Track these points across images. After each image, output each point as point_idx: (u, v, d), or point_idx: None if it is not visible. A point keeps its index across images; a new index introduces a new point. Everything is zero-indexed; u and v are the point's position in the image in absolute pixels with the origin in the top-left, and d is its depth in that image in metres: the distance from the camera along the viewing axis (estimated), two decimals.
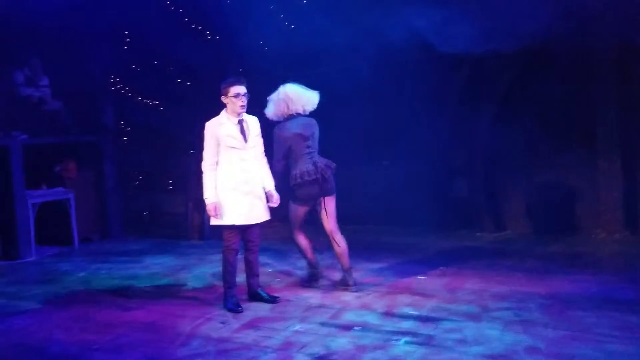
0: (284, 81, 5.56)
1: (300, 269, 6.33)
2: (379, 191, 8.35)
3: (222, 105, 5.20)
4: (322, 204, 5.43)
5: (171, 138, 8.47)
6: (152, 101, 8.77)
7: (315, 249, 5.76)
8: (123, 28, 8.63)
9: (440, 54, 7.27)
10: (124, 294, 5.85)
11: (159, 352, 4.29)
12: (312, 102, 5.46)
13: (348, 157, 8.33)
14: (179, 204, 8.60)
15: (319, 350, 4.19)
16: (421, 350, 4.13)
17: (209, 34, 8.41)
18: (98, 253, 7.91)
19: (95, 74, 8.59)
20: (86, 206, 8.67)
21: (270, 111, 5.50)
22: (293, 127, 5.35)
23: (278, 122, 5.48)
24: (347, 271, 5.53)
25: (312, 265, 5.71)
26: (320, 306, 5.17)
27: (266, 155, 5.36)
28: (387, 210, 8.27)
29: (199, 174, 5.27)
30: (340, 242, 5.50)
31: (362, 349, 4.19)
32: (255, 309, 5.14)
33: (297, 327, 4.68)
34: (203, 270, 6.58)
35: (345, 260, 5.51)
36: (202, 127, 5.19)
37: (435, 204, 8.17)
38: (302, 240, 5.58)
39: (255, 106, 5.49)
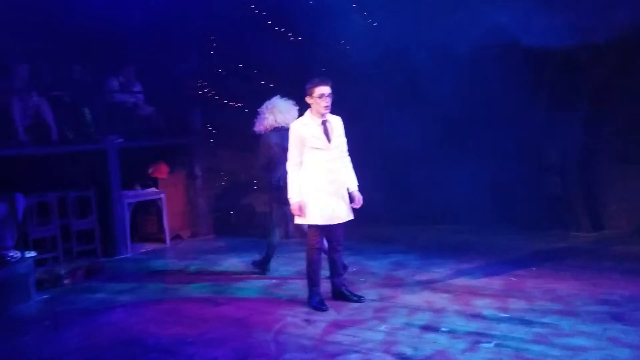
0: (367, 80, 5.55)
1: (384, 267, 6.46)
2: (468, 190, 8.08)
3: (307, 106, 5.26)
4: None
5: (255, 139, 8.65)
6: (237, 104, 9.01)
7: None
8: (209, 34, 8.93)
9: (530, 47, 6.98)
10: (213, 289, 6.04)
11: (248, 348, 4.39)
12: (294, 116, 6.02)
13: (434, 156, 8.18)
14: (263, 203, 8.78)
15: (406, 350, 4.14)
16: (511, 353, 3.99)
17: (291, 36, 8.53)
18: (188, 250, 8.23)
19: (184, 79, 8.94)
20: (176, 206, 9.06)
21: (259, 123, 6.29)
22: (274, 139, 6.12)
23: (260, 135, 6.27)
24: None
25: (268, 259, 6.51)
26: (405, 306, 5.11)
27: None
28: (475, 209, 8.00)
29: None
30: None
31: (452, 350, 4.12)
32: (339, 308, 5.15)
33: (382, 327, 4.65)
34: (288, 269, 6.67)
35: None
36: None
37: (527, 202, 7.86)
38: (276, 238, 6.39)
39: (339, 106, 5.50)
